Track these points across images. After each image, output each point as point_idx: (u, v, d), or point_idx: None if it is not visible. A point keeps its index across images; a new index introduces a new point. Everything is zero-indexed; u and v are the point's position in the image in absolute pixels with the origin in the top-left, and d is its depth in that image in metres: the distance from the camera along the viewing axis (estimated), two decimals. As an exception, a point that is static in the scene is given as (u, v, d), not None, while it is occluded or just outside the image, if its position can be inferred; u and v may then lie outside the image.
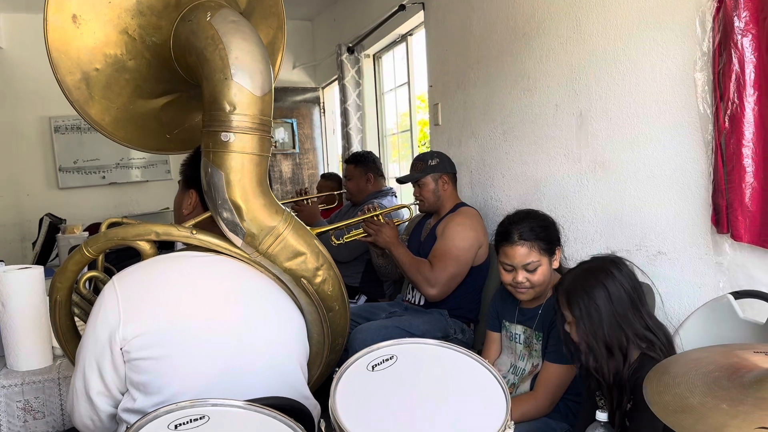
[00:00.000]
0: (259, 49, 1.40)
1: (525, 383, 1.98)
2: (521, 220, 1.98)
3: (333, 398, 1.14)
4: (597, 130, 2.30)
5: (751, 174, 1.68)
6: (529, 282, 1.95)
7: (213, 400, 1.11)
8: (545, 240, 1.96)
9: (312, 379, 1.73)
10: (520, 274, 1.95)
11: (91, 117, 1.57)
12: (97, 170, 5.64)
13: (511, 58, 2.77)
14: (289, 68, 6.05)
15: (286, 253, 1.46)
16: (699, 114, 1.84)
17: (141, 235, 1.47)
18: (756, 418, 0.96)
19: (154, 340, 1.33)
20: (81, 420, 1.44)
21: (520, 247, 1.93)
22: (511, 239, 1.95)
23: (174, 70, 1.55)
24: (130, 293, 1.36)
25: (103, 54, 1.51)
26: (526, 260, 1.93)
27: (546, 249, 1.96)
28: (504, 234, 1.98)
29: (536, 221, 1.99)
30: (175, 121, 1.67)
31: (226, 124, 1.37)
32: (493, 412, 1.14)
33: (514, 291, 2.00)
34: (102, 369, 1.36)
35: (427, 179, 2.81)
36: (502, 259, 1.99)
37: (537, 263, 1.94)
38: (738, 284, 1.76)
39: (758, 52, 1.65)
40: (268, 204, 1.44)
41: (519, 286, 1.96)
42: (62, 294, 1.57)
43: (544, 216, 2.04)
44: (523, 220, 1.98)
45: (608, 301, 1.51)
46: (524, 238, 1.94)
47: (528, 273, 1.94)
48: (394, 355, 1.28)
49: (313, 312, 1.57)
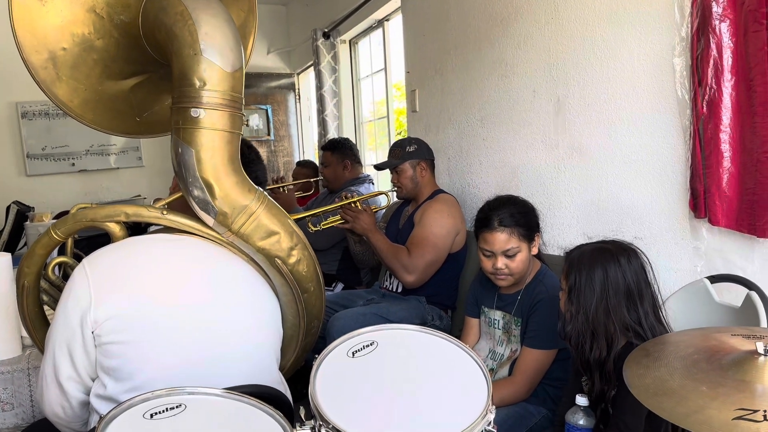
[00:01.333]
0: (229, 25, 1.38)
1: (504, 368, 1.99)
2: (501, 206, 1.97)
3: (313, 385, 1.12)
4: (574, 116, 2.30)
5: (729, 159, 1.69)
6: (508, 268, 1.94)
7: (190, 388, 1.08)
8: (525, 226, 1.96)
9: (287, 363, 1.72)
10: (500, 261, 1.94)
11: (59, 98, 1.52)
12: (67, 157, 5.51)
13: (489, 44, 2.76)
14: (264, 53, 5.97)
15: (260, 233, 1.45)
16: (677, 99, 1.84)
17: (110, 216, 1.44)
18: (735, 400, 0.97)
19: (126, 324, 1.30)
20: (51, 408, 1.40)
21: (500, 233, 1.93)
22: (491, 225, 1.94)
23: (143, 49, 1.52)
24: (101, 275, 1.33)
25: (71, 33, 1.46)
26: (505, 246, 1.93)
27: (525, 235, 1.95)
28: (484, 220, 1.98)
29: (516, 207, 1.98)
30: (145, 103, 1.63)
31: (196, 100, 1.34)
32: (475, 397, 1.13)
33: (494, 278, 1.99)
34: (73, 353, 1.33)
35: (405, 166, 2.79)
36: (482, 245, 1.99)
37: (516, 249, 1.93)
38: (715, 268, 1.78)
39: (736, 38, 1.66)
40: (240, 182, 1.42)
41: (498, 272, 1.95)
42: (30, 279, 1.53)
43: (523, 202, 2.04)
44: (503, 206, 1.97)
45: (603, 286, 1.50)
46: (504, 225, 1.93)
47: (507, 259, 1.94)
48: (374, 341, 1.26)
49: (288, 293, 1.56)
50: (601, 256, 1.54)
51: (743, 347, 1.11)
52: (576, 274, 1.52)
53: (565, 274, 1.56)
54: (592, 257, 1.54)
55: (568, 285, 1.53)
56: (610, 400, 1.48)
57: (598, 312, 1.49)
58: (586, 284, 1.50)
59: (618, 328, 1.48)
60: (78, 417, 1.41)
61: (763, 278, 1.62)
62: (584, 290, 1.50)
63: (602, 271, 1.51)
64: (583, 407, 1.51)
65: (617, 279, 1.51)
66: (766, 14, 1.55)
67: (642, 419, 1.42)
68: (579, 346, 1.51)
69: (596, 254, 1.55)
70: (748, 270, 1.69)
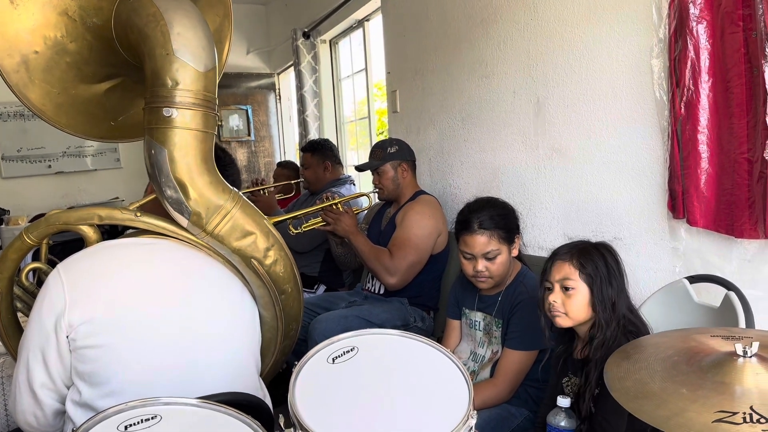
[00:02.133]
0: (202, 25, 1.37)
1: (485, 370, 1.98)
2: (481, 209, 1.97)
3: (292, 393, 1.10)
4: (554, 117, 2.30)
5: (707, 160, 1.70)
6: (489, 271, 1.94)
7: (165, 399, 1.06)
8: (505, 228, 1.96)
9: (267, 367, 1.70)
10: (480, 263, 1.94)
11: (32, 102, 1.49)
12: (43, 159, 5.42)
13: (469, 45, 2.75)
14: (243, 53, 5.92)
15: (235, 233, 1.43)
16: (655, 100, 1.85)
17: (84, 219, 1.42)
18: (715, 402, 0.97)
19: (101, 328, 1.28)
20: (24, 417, 1.37)
21: (480, 236, 1.93)
22: (471, 228, 1.94)
23: (117, 51, 1.50)
24: (75, 280, 1.31)
25: (43, 36, 1.44)
26: (485, 249, 1.93)
27: (505, 237, 1.95)
28: (464, 223, 1.97)
29: (496, 209, 1.98)
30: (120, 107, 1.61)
31: (168, 100, 1.33)
32: (456, 402, 1.12)
33: (474, 281, 1.99)
34: (47, 359, 1.30)
35: (386, 167, 2.78)
36: (462, 248, 1.98)
37: (496, 252, 1.93)
38: (694, 269, 1.79)
39: (713, 39, 1.67)
40: (214, 182, 1.41)
41: (479, 275, 1.95)
42: (3, 285, 1.51)
43: (503, 204, 2.03)
44: (483, 209, 1.97)
45: (607, 269, 1.53)
46: (484, 227, 1.93)
47: (488, 262, 1.94)
48: (354, 346, 1.25)
49: (265, 295, 1.54)
50: (594, 248, 1.56)
51: (722, 349, 1.12)
52: (593, 261, 1.52)
53: (575, 267, 1.53)
54: (591, 248, 1.56)
55: (587, 273, 1.52)
56: (594, 399, 1.48)
57: (620, 302, 1.51)
58: (602, 267, 1.52)
59: (624, 311, 1.51)
60: (51, 426, 1.38)
61: (741, 278, 1.63)
62: (601, 271, 1.52)
63: (602, 259, 1.54)
64: (565, 408, 1.51)
65: (615, 266, 1.55)
66: (742, 16, 1.56)
67: (625, 419, 1.42)
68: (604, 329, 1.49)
69: (590, 247, 1.57)
70: (726, 270, 1.70)
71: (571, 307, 1.52)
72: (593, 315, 1.52)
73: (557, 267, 1.55)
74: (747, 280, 1.63)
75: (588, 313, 1.53)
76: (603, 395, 1.45)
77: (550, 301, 1.54)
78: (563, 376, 1.61)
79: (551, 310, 1.54)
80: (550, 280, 1.56)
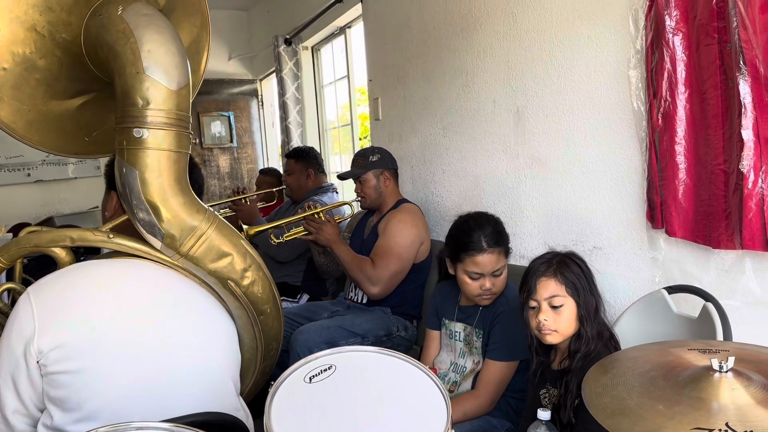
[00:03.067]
0: (174, 41, 1.33)
1: (467, 381, 1.98)
2: (482, 226, 1.91)
3: (268, 414, 1.09)
4: (534, 126, 2.31)
5: (684, 171, 1.71)
6: (495, 287, 1.92)
7: (136, 423, 1.03)
8: (504, 243, 1.95)
9: (246, 388, 1.68)
10: (488, 281, 1.90)
11: (2, 120, 1.46)
12: (22, 167, 5.34)
13: (450, 54, 2.76)
14: (225, 59, 5.89)
15: (211, 255, 1.40)
16: (633, 111, 1.86)
17: (55, 241, 1.39)
18: (691, 419, 0.97)
19: (72, 353, 1.25)
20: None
21: (490, 255, 1.88)
22: (481, 247, 1.88)
23: (87, 67, 1.46)
24: (45, 304, 1.28)
25: (11, 52, 1.40)
26: (496, 266, 1.90)
27: (506, 252, 1.95)
28: (470, 243, 1.89)
29: (496, 226, 1.95)
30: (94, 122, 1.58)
31: (139, 120, 1.30)
32: (434, 420, 1.12)
33: (479, 299, 1.94)
34: (18, 385, 1.27)
35: (368, 176, 2.77)
36: (471, 269, 1.90)
37: (503, 268, 1.93)
38: (673, 279, 1.80)
39: (689, 51, 1.68)
40: (188, 203, 1.37)
41: (486, 293, 1.91)
42: None
43: (496, 219, 2.00)
44: (484, 226, 1.91)
45: (585, 278, 1.55)
46: (491, 245, 1.89)
47: (494, 278, 1.91)
48: (332, 364, 1.23)
49: (243, 316, 1.52)
50: (570, 259, 1.57)
51: (699, 363, 1.12)
52: (573, 276, 1.52)
53: (560, 283, 1.52)
54: (568, 260, 1.56)
55: (573, 288, 1.51)
56: (574, 409, 1.48)
57: (600, 308, 1.53)
58: (582, 280, 1.53)
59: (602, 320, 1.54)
60: None
61: (718, 289, 1.64)
62: (584, 286, 1.52)
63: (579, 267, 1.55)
64: (545, 421, 1.51)
65: (590, 274, 1.56)
66: (717, 28, 1.57)
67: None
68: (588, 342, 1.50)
69: (565, 258, 1.57)
70: (704, 280, 1.71)
71: (561, 323, 1.51)
72: (579, 327, 1.52)
73: (543, 285, 1.52)
74: (724, 291, 1.64)
75: (575, 327, 1.52)
76: (583, 405, 1.45)
77: (539, 320, 1.51)
78: (540, 389, 1.60)
79: (541, 329, 1.52)
80: (537, 299, 1.53)
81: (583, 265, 1.57)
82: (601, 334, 1.53)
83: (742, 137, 1.51)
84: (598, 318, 1.53)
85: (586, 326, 1.50)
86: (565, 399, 1.50)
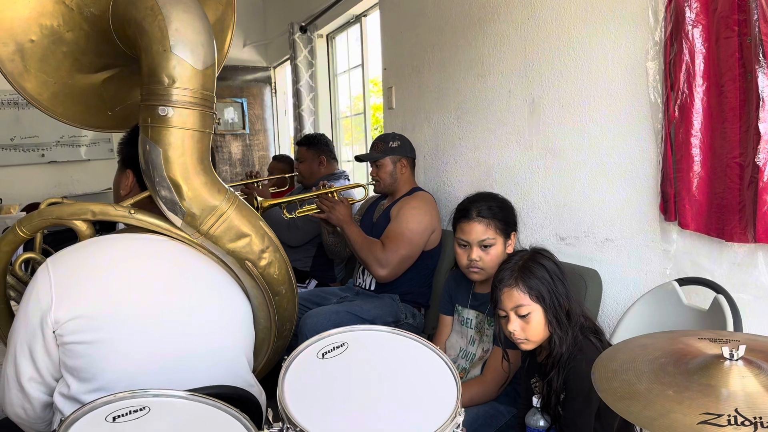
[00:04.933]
0: (201, 20, 1.34)
1: (476, 368, 1.99)
2: (481, 200, 2.02)
3: (281, 387, 1.10)
4: (549, 117, 2.31)
5: (699, 163, 1.71)
6: (482, 261, 1.96)
7: (154, 391, 1.06)
8: (502, 220, 1.99)
9: (259, 366, 1.70)
10: (475, 252, 1.96)
11: (27, 91, 1.48)
12: (36, 148, 5.39)
13: (466, 43, 2.76)
14: (240, 46, 5.90)
15: (230, 235, 1.42)
16: (650, 103, 1.86)
17: (77, 215, 1.41)
18: (700, 404, 0.97)
19: (89, 324, 1.27)
20: (13, 409, 1.37)
21: (477, 224, 1.96)
22: (469, 215, 1.97)
23: (114, 43, 1.48)
24: (63, 276, 1.30)
25: (39, 25, 1.42)
26: (482, 236, 1.95)
27: (502, 229, 1.98)
28: (463, 211, 2.01)
29: (495, 202, 2.03)
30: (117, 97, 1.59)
31: (164, 98, 1.31)
32: (444, 400, 1.13)
33: (467, 271, 2.00)
34: (34, 354, 1.30)
35: (385, 160, 2.78)
36: (459, 236, 2.01)
37: (492, 241, 1.95)
38: (684, 271, 1.80)
39: (708, 43, 1.67)
40: (209, 182, 1.39)
41: (472, 264, 1.96)
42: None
43: (503, 199, 2.08)
44: (483, 200, 2.01)
45: (552, 279, 1.52)
46: (482, 216, 1.97)
47: (482, 251, 1.95)
48: (345, 342, 1.25)
49: (259, 296, 1.53)
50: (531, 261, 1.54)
51: (710, 351, 1.12)
52: (538, 281, 1.51)
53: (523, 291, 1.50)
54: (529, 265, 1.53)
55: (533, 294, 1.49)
56: (561, 402, 1.49)
57: (562, 302, 1.50)
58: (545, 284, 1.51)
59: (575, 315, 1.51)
60: (40, 418, 1.38)
61: (730, 282, 1.65)
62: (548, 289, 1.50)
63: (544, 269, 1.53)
64: (539, 408, 1.52)
65: (554, 270, 1.54)
66: (737, 21, 1.57)
67: (592, 418, 1.43)
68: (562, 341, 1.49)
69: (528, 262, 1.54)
70: (716, 273, 1.71)
71: (530, 331, 1.50)
72: (551, 330, 1.50)
73: (506, 295, 1.51)
74: (736, 284, 1.64)
75: (547, 331, 1.50)
76: (569, 399, 1.46)
77: (510, 330, 1.52)
78: (531, 377, 1.62)
79: (513, 338, 1.52)
80: (504, 309, 1.53)
81: (549, 265, 1.53)
82: (584, 329, 1.51)
83: (759, 130, 1.51)
84: (573, 318, 1.51)
85: (557, 330, 1.48)
86: (549, 395, 1.50)
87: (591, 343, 1.49)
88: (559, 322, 1.49)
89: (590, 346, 1.48)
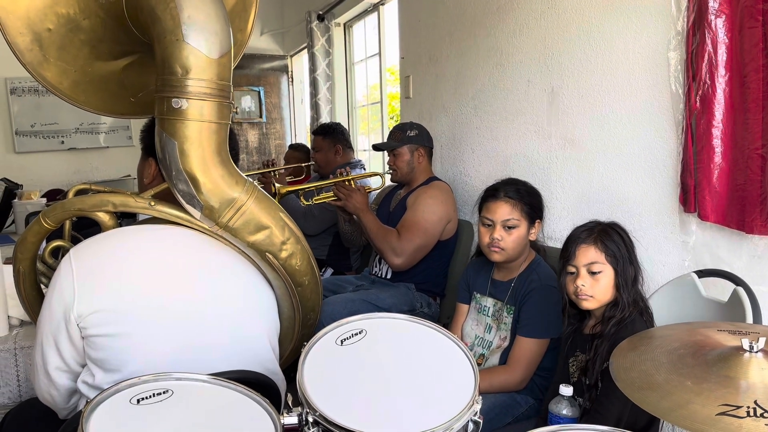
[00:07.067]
0: (216, 6, 1.29)
1: (494, 356, 1.99)
2: (510, 183, 2.03)
3: (301, 372, 1.12)
4: (568, 107, 2.29)
5: (720, 155, 1.69)
6: (504, 242, 1.95)
7: (177, 374, 1.08)
8: (529, 204, 1.99)
9: (284, 355, 1.70)
10: (498, 231, 1.95)
11: (48, 80, 1.47)
12: (56, 135, 5.46)
13: (484, 32, 2.74)
14: (257, 34, 5.91)
15: (249, 227, 1.39)
16: (671, 93, 1.84)
17: (98, 206, 1.40)
18: (719, 395, 0.97)
19: (112, 317, 1.28)
20: (42, 393, 1.41)
21: (504, 203, 1.97)
22: (498, 195, 1.99)
23: (130, 30, 1.45)
24: (86, 268, 1.31)
25: (55, 13, 1.40)
26: (506, 216, 1.96)
27: (528, 213, 1.98)
28: (491, 190, 2.02)
29: (525, 187, 2.04)
30: (139, 83, 1.57)
31: (178, 89, 1.26)
32: (462, 387, 1.14)
33: (488, 251, 1.99)
34: (59, 344, 1.32)
35: (403, 149, 2.79)
36: (484, 214, 2.01)
37: (516, 222, 1.95)
38: (703, 263, 1.79)
39: (731, 33, 1.65)
40: (227, 174, 1.36)
41: (494, 242, 1.96)
42: (25, 265, 1.52)
43: (532, 186, 2.08)
44: (512, 183, 2.03)
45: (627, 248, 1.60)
46: (509, 196, 1.98)
47: (505, 231, 1.95)
48: (363, 329, 1.26)
49: (281, 287, 1.53)
50: (612, 228, 1.61)
51: (729, 343, 1.12)
52: (616, 246, 1.58)
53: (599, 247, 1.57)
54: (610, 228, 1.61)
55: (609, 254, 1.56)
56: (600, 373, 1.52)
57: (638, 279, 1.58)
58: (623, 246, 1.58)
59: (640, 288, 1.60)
60: (67, 403, 1.41)
61: (749, 274, 1.63)
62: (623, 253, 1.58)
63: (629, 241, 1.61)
64: (567, 397, 1.52)
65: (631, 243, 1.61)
66: (762, 11, 1.55)
67: None
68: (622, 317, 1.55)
69: (608, 227, 1.62)
70: (735, 265, 1.70)
71: (598, 290, 1.57)
72: (616, 295, 1.56)
73: (582, 251, 1.58)
74: (756, 276, 1.63)
75: (612, 294, 1.57)
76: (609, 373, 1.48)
77: (577, 285, 1.57)
78: (570, 357, 1.63)
79: (578, 294, 1.58)
80: (575, 264, 1.59)
81: (625, 236, 1.61)
82: (637, 304, 1.57)
83: (783, 122, 1.50)
84: (636, 288, 1.58)
85: (623, 294, 1.55)
86: (594, 362, 1.54)
87: (642, 319, 1.55)
88: (626, 288, 1.56)
89: (640, 321, 1.54)
